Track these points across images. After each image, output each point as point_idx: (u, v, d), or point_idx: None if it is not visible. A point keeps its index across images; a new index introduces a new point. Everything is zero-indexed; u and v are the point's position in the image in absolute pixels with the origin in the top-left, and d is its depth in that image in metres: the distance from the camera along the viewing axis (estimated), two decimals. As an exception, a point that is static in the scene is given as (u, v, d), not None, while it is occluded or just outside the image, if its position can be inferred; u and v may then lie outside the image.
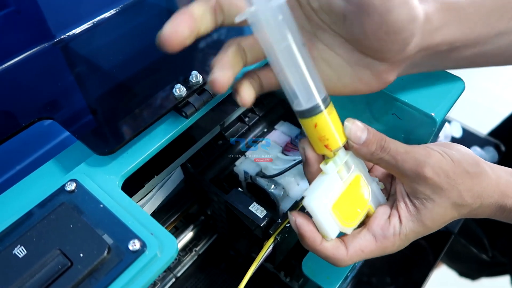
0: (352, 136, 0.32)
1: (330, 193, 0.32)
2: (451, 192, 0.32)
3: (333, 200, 0.32)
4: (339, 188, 0.33)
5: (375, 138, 0.32)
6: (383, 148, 0.31)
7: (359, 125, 0.32)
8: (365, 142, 0.31)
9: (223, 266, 0.55)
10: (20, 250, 0.28)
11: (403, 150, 0.31)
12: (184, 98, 0.38)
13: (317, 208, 0.32)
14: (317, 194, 0.32)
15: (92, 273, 0.28)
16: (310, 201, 0.32)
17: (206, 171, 0.49)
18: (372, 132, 0.32)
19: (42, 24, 0.50)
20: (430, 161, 0.31)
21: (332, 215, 0.32)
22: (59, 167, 0.36)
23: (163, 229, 0.31)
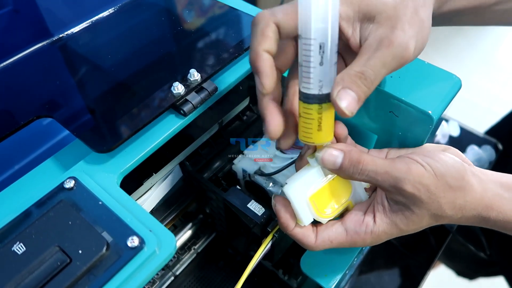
0: (325, 164, 0.33)
1: (310, 184, 0.34)
2: (431, 204, 0.32)
3: (312, 192, 0.34)
4: (321, 181, 0.35)
5: (351, 163, 0.32)
6: (360, 171, 0.32)
7: (333, 153, 0.33)
8: (341, 167, 0.33)
9: (222, 264, 0.55)
10: (19, 247, 0.29)
11: (382, 171, 0.32)
12: (182, 96, 0.38)
13: (294, 196, 0.34)
14: (297, 184, 0.34)
15: (91, 269, 0.28)
16: (289, 189, 0.34)
17: (204, 169, 0.49)
18: (348, 157, 0.32)
19: (41, 23, 0.50)
20: (410, 177, 0.31)
21: (309, 205, 0.34)
22: (58, 164, 0.36)
23: (161, 226, 0.31)
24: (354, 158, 0.32)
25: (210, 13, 0.49)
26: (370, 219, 0.35)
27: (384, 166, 0.32)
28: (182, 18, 0.49)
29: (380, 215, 0.34)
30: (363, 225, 0.35)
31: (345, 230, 0.35)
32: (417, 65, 0.43)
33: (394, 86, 0.41)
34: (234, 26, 0.47)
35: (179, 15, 0.49)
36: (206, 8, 0.49)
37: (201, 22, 0.48)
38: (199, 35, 0.46)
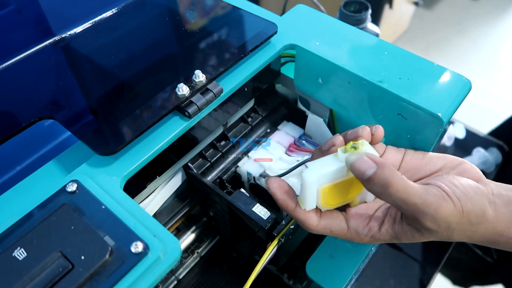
0: (353, 170, 0.32)
1: (329, 176, 0.34)
2: (444, 235, 0.32)
3: (326, 184, 0.34)
4: (339, 177, 0.34)
5: (380, 182, 0.30)
6: (387, 194, 0.30)
7: (366, 161, 0.31)
8: (368, 180, 0.31)
9: (226, 268, 0.54)
10: (20, 252, 0.28)
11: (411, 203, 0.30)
12: (187, 97, 0.38)
13: (309, 183, 0.33)
14: (318, 173, 0.33)
15: (94, 276, 0.27)
16: (309, 176, 0.33)
17: (208, 172, 0.48)
18: (379, 174, 0.30)
19: (43, 23, 0.49)
20: (437, 216, 0.30)
21: (318, 194, 0.34)
22: (60, 167, 0.35)
23: (166, 231, 0.30)
24: (386, 178, 0.30)
25: (215, 13, 0.48)
26: (376, 226, 0.34)
27: (415, 197, 0.30)
28: (186, 18, 0.48)
29: (387, 226, 0.34)
30: (366, 228, 0.34)
31: (347, 227, 0.35)
32: (426, 66, 0.42)
33: (402, 88, 0.40)
34: (239, 26, 0.46)
35: (183, 15, 0.48)
36: (210, 8, 0.49)
37: (205, 22, 0.47)
38: (203, 36, 0.45)
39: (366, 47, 0.44)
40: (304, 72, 0.46)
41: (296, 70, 0.47)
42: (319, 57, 0.43)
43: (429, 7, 2.30)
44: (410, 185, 0.30)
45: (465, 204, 0.31)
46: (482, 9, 2.31)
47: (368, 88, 0.41)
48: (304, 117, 0.52)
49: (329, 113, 0.50)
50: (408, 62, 0.42)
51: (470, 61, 2.02)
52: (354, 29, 0.47)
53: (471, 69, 1.97)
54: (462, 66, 1.96)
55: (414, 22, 2.13)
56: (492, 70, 1.97)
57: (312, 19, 0.49)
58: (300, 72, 0.47)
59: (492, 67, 1.98)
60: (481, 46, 2.10)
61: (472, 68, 1.97)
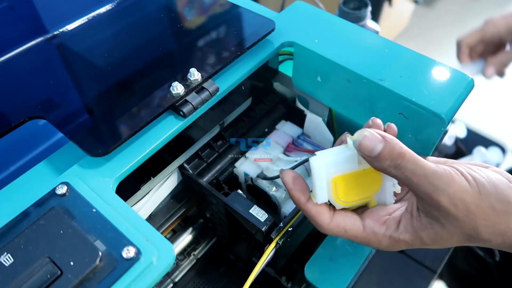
0: (362, 149, 0.30)
1: (339, 165, 0.32)
2: (467, 224, 0.29)
3: (337, 173, 0.32)
4: (352, 167, 0.32)
5: (391, 154, 0.29)
6: (398, 166, 0.29)
7: (372, 138, 0.29)
8: (378, 156, 0.29)
9: (223, 270, 0.53)
10: (7, 258, 0.27)
11: (421, 173, 0.29)
12: (181, 96, 0.37)
13: (317, 170, 0.32)
14: (326, 159, 0.32)
15: (83, 282, 0.26)
16: (316, 160, 0.32)
17: (205, 172, 0.47)
18: (389, 147, 0.29)
19: (36, 19, 0.48)
20: (450, 190, 0.28)
21: (329, 185, 0.32)
22: (50, 169, 0.34)
23: (159, 235, 0.29)
24: (396, 149, 0.29)
25: (211, 10, 0.47)
26: (393, 223, 0.32)
27: (425, 168, 0.29)
28: (182, 15, 0.47)
29: (406, 223, 0.31)
30: (383, 227, 0.32)
31: (363, 226, 0.33)
32: (428, 64, 0.41)
33: (403, 86, 0.39)
34: (236, 23, 0.45)
35: (179, 12, 0.47)
36: (207, 5, 0.48)
37: (201, 19, 0.46)
38: (199, 33, 0.44)
39: (366, 44, 0.43)
40: (302, 70, 0.45)
41: (294, 68, 0.46)
42: (318, 54, 0.42)
43: (428, 5, 2.29)
44: (420, 158, 0.29)
45: (481, 184, 0.29)
46: (482, 7, 2.30)
47: (368, 87, 0.40)
48: (302, 116, 0.51)
49: (328, 112, 0.49)
50: (410, 59, 0.41)
51: (470, 60, 2.01)
52: (354, 26, 0.46)
53: (471, 67, 1.96)
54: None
55: (414, 20, 2.12)
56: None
57: (311, 16, 0.47)
58: (299, 70, 0.46)
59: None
60: (481, 44, 2.09)
61: (472, 67, 1.97)
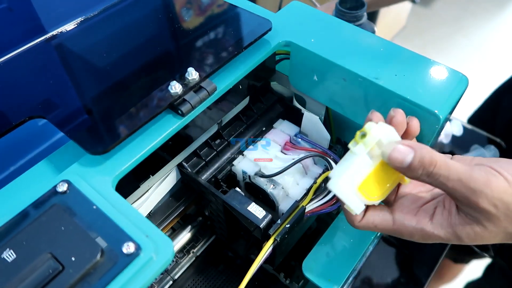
0: (392, 162, 0.30)
1: (356, 175, 0.31)
2: (510, 223, 0.28)
3: (359, 181, 0.31)
4: (368, 167, 0.31)
5: (421, 163, 0.28)
6: (430, 174, 0.29)
7: (401, 150, 0.29)
8: (409, 167, 0.29)
9: (221, 267, 0.54)
10: (9, 254, 0.27)
11: (455, 178, 0.28)
12: (180, 95, 0.37)
13: (340, 193, 0.31)
14: (342, 178, 0.31)
15: (85, 277, 0.27)
16: (334, 184, 0.31)
17: (203, 171, 0.47)
18: (418, 156, 0.29)
19: (35, 20, 0.49)
20: (488, 191, 0.27)
21: (358, 195, 0.32)
22: (51, 167, 0.35)
23: (158, 231, 0.30)
24: (426, 158, 0.28)
25: (209, 10, 0.47)
26: (426, 216, 0.31)
27: (459, 172, 0.28)
28: (180, 15, 0.47)
29: (442, 219, 0.30)
30: (414, 219, 0.31)
31: (393, 220, 0.32)
32: (422, 63, 0.42)
33: (398, 85, 0.39)
34: (233, 23, 0.45)
35: (177, 12, 0.48)
36: (205, 5, 0.48)
37: (199, 19, 0.46)
38: (197, 33, 0.44)
39: (362, 43, 0.44)
40: (299, 69, 0.46)
41: (291, 68, 0.47)
42: (314, 54, 0.43)
43: (426, 5, 2.30)
44: (453, 163, 0.28)
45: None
46: (479, 7, 2.31)
47: (364, 85, 0.41)
48: (300, 115, 0.51)
49: (325, 110, 0.50)
50: (404, 58, 0.42)
51: (467, 59, 2.01)
52: (350, 25, 0.46)
53: (468, 66, 1.96)
54: (459, 64, 1.96)
55: (411, 20, 2.13)
56: (490, 68, 1.97)
57: (308, 16, 0.48)
58: (295, 69, 0.46)
59: (490, 65, 1.98)
60: (478, 44, 2.09)
61: (469, 66, 1.97)
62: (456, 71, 0.41)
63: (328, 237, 0.45)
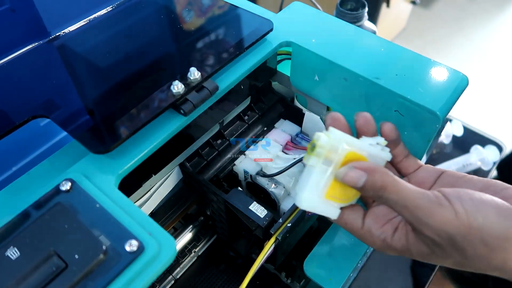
0: (347, 182, 0.31)
1: (318, 185, 0.31)
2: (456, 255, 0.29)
3: (324, 189, 0.32)
4: (329, 174, 0.32)
5: (373, 187, 0.30)
6: (380, 197, 0.30)
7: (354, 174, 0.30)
8: (362, 188, 0.31)
9: (223, 267, 0.54)
10: (13, 251, 0.28)
11: (402, 204, 0.29)
12: (182, 95, 0.37)
13: (309, 206, 0.32)
14: (304, 193, 0.31)
15: (88, 275, 0.27)
16: (300, 201, 0.32)
17: (205, 170, 0.48)
18: (370, 180, 0.30)
19: (37, 21, 0.49)
20: (430, 221, 0.28)
21: (328, 202, 0.32)
22: (54, 166, 0.35)
23: (161, 229, 0.30)
24: (378, 182, 0.30)
25: (211, 11, 0.48)
26: (390, 229, 0.32)
27: (406, 199, 0.29)
28: (181, 15, 0.48)
29: (401, 234, 0.31)
30: (380, 230, 0.32)
31: (362, 223, 0.33)
32: (423, 63, 0.42)
33: (399, 84, 0.40)
34: (235, 24, 0.46)
35: (179, 12, 0.48)
36: (206, 6, 0.48)
37: (201, 20, 0.47)
38: (199, 33, 0.45)
39: (363, 44, 0.44)
40: (300, 69, 0.46)
41: (292, 68, 0.47)
42: (315, 54, 0.43)
43: (426, 6, 2.30)
44: (404, 187, 0.29)
45: (473, 217, 0.27)
46: (479, 8, 2.31)
47: (365, 85, 0.41)
48: (301, 115, 0.51)
49: (326, 110, 0.50)
50: (405, 58, 0.42)
51: (468, 60, 2.02)
52: (351, 26, 0.47)
53: (468, 66, 1.97)
54: (459, 64, 1.96)
55: (411, 21, 2.13)
56: (490, 68, 1.97)
57: (309, 16, 0.48)
58: (297, 69, 0.47)
59: (490, 65, 1.99)
60: (478, 44, 2.10)
61: (469, 66, 1.97)
62: (456, 70, 0.41)
63: (329, 237, 0.45)
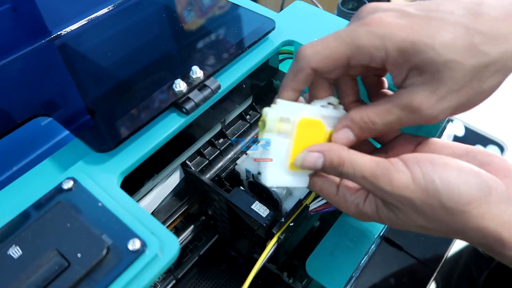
0: (307, 167, 0.31)
1: (279, 157, 0.31)
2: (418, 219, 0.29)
3: (287, 161, 0.32)
4: (287, 145, 0.31)
5: (331, 164, 0.30)
6: (341, 174, 0.30)
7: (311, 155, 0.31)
8: (322, 170, 0.31)
9: (224, 267, 0.54)
10: (16, 250, 0.27)
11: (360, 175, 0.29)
12: (184, 94, 0.37)
13: (275, 181, 0.32)
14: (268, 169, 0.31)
15: (90, 274, 0.27)
16: (265, 179, 0.31)
17: (206, 169, 0.48)
18: (328, 160, 0.30)
19: (39, 20, 0.49)
20: (389, 188, 0.28)
21: (294, 172, 0.32)
22: (56, 165, 0.35)
23: (164, 228, 0.30)
24: (334, 159, 0.30)
25: (213, 10, 0.48)
26: (362, 194, 0.32)
27: (363, 170, 0.29)
28: (184, 14, 0.47)
29: (371, 199, 0.31)
30: (354, 196, 0.32)
31: (337, 190, 0.33)
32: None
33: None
34: (237, 22, 0.45)
35: (181, 12, 0.48)
36: (209, 5, 0.48)
37: (203, 19, 0.47)
38: (201, 32, 0.44)
39: (365, 43, 0.44)
40: (302, 68, 0.46)
41: (294, 67, 0.47)
42: (318, 53, 0.43)
43: (426, 7, 2.30)
44: (360, 159, 0.29)
45: (430, 181, 0.27)
46: (480, 8, 2.31)
47: (367, 84, 0.41)
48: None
49: (328, 110, 0.50)
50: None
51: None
52: (353, 25, 0.46)
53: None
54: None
55: (412, 22, 2.13)
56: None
57: (310, 15, 0.48)
58: (299, 68, 0.46)
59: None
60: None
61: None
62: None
63: (331, 236, 0.45)
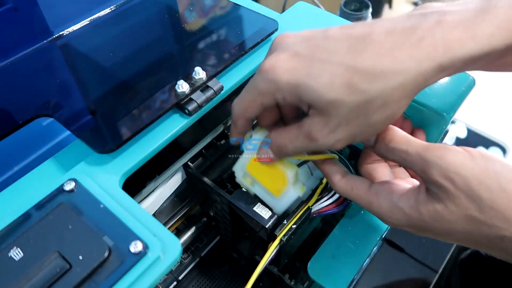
0: None
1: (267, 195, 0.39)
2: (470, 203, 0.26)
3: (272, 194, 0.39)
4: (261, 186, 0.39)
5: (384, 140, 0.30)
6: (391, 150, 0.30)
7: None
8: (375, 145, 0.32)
9: (226, 268, 0.54)
10: (17, 252, 0.27)
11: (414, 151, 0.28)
12: (187, 95, 0.37)
13: (281, 209, 0.39)
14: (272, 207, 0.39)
15: (92, 276, 0.27)
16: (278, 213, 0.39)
17: (209, 171, 0.47)
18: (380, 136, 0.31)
19: (40, 21, 0.49)
20: (443, 163, 0.26)
21: (286, 192, 0.38)
22: (58, 166, 0.34)
23: (166, 230, 0.30)
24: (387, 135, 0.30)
25: (215, 10, 0.47)
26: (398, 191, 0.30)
27: (417, 146, 0.28)
28: (186, 15, 0.47)
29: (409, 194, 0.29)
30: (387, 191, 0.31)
31: (369, 186, 0.32)
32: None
33: (405, 85, 0.39)
34: (240, 23, 0.45)
35: (183, 12, 0.48)
36: (211, 6, 0.48)
37: (206, 19, 0.46)
38: (203, 33, 0.44)
39: (368, 44, 0.44)
40: (305, 69, 0.46)
41: (297, 68, 0.47)
42: (321, 54, 0.43)
43: (428, 8, 2.30)
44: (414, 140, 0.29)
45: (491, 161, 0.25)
46: (481, 10, 2.31)
47: (371, 86, 0.41)
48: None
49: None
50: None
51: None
52: (356, 26, 0.46)
53: (471, 69, 1.96)
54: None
55: (414, 23, 2.13)
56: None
57: (313, 16, 0.48)
58: (301, 69, 0.46)
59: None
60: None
61: (472, 68, 1.97)
62: (464, 72, 0.41)
63: (333, 239, 0.45)
